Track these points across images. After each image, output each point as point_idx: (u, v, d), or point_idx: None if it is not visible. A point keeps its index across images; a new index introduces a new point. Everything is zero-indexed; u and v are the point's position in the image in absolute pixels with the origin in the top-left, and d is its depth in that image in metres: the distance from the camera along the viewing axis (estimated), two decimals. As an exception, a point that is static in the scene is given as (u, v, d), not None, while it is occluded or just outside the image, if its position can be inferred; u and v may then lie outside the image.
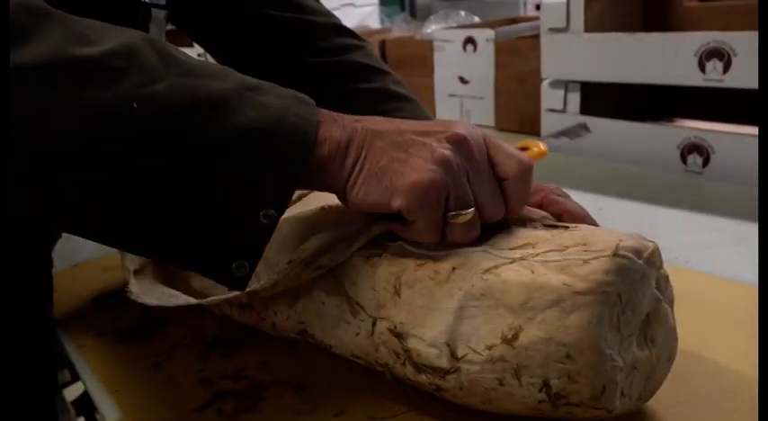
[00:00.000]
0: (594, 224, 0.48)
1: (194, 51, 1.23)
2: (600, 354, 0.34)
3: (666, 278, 0.40)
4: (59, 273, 0.64)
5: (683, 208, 0.80)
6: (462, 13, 1.59)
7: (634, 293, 0.35)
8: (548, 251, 0.37)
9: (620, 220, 0.76)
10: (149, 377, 0.49)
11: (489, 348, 0.35)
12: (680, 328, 0.43)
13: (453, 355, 0.37)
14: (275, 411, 0.43)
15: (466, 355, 0.36)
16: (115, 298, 0.59)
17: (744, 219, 0.75)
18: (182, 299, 0.50)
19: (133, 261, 0.55)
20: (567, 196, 0.52)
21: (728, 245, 0.69)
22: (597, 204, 0.82)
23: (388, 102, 0.63)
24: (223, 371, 0.48)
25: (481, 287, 0.36)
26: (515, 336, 0.35)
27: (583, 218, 0.46)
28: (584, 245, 0.36)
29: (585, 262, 0.35)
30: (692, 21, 1.07)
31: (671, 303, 0.40)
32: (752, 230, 0.72)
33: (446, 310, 0.37)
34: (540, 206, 0.48)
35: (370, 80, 0.63)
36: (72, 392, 0.60)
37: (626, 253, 0.35)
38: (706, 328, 0.52)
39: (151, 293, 0.52)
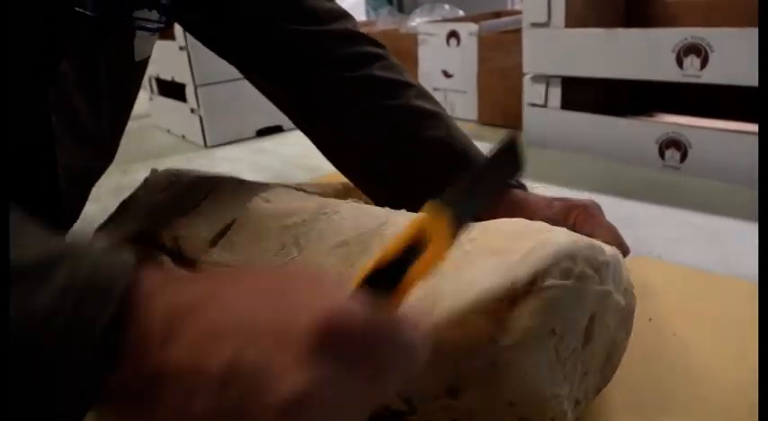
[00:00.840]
0: (625, 250, 0.47)
1: (176, 43, 1.22)
2: (542, 400, 0.34)
3: (618, 261, 0.39)
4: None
5: (659, 203, 0.80)
6: (447, 6, 1.59)
7: (570, 316, 0.35)
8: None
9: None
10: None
11: (436, 399, 0.36)
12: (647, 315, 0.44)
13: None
14: None
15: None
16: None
17: (719, 214, 0.76)
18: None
19: None
20: (600, 213, 0.52)
21: (702, 240, 0.70)
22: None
23: (416, 120, 0.59)
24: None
25: None
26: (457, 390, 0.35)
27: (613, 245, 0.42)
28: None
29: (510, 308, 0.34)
30: (672, 16, 1.08)
31: (628, 284, 0.40)
32: (726, 226, 0.73)
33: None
34: (574, 227, 0.47)
35: (396, 96, 0.60)
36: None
37: (553, 282, 0.33)
38: (672, 315, 0.53)
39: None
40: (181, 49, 1.20)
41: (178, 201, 0.61)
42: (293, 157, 1.13)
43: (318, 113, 0.63)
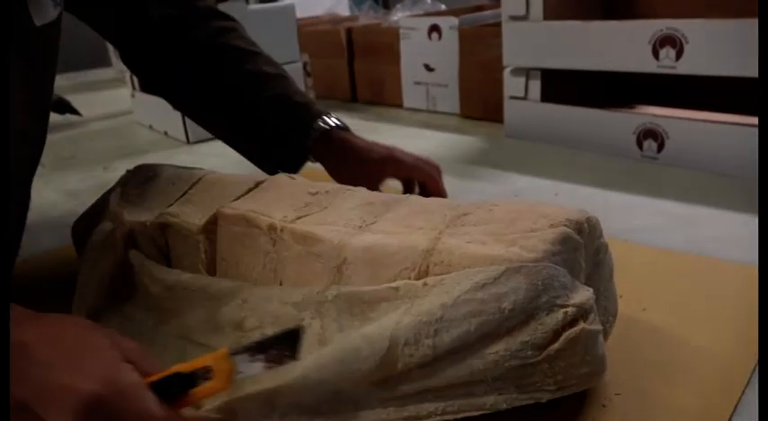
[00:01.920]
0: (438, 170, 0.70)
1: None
2: None
3: (606, 246, 0.44)
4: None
5: (636, 193, 0.82)
6: (429, 0, 1.59)
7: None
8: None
9: (573, 205, 0.78)
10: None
11: None
12: (622, 293, 0.47)
13: None
14: None
15: None
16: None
17: (695, 203, 0.77)
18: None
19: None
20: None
21: (677, 228, 0.71)
22: (553, 190, 0.84)
23: (264, 81, 0.73)
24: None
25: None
26: None
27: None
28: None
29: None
30: (649, 8, 1.09)
31: (611, 269, 0.45)
32: (702, 213, 0.74)
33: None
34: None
35: (249, 62, 0.73)
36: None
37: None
38: (645, 293, 0.55)
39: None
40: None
41: (161, 191, 0.62)
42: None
43: (186, 84, 0.74)
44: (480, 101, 1.28)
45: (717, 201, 0.76)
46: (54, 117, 1.41)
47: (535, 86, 1.06)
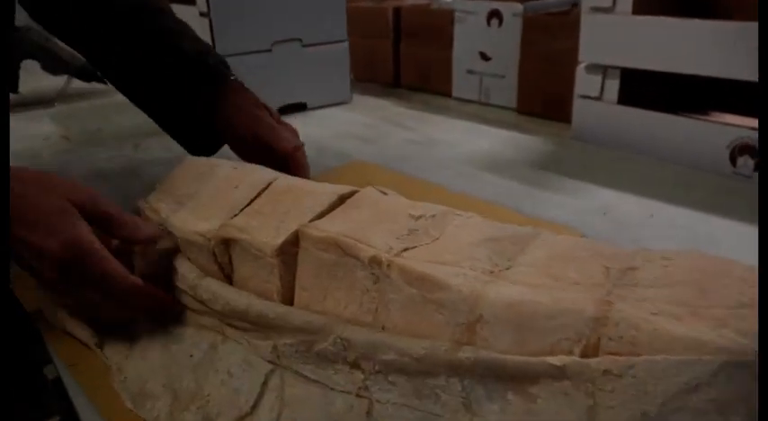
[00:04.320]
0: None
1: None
2: None
3: None
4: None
5: (736, 217, 0.72)
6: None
7: None
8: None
9: (672, 231, 0.69)
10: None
11: None
12: None
13: None
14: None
15: None
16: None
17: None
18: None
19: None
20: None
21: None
22: (646, 209, 0.75)
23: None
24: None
25: None
26: None
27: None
28: None
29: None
30: (747, 6, 0.99)
31: None
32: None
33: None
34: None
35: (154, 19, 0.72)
36: None
37: None
38: None
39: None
40: (202, 14, 1.10)
41: (221, 195, 0.53)
42: (319, 140, 1.04)
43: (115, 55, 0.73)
44: (540, 96, 1.18)
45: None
46: (79, 85, 1.31)
47: (612, 86, 0.97)
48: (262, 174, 0.55)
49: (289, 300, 0.45)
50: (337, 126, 1.15)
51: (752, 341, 0.28)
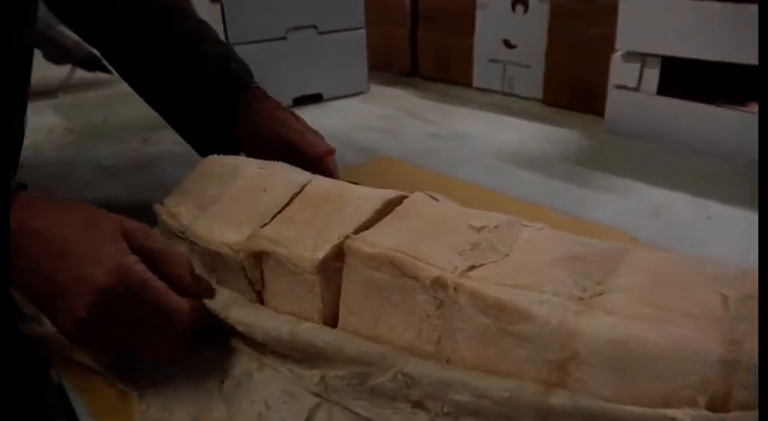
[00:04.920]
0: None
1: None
2: None
3: None
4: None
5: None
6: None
7: None
8: None
9: (733, 234, 0.63)
10: None
11: None
12: None
13: None
14: None
15: None
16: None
17: None
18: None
19: None
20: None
21: None
22: (703, 210, 0.69)
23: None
24: None
25: None
26: None
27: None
28: None
29: None
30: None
31: None
32: None
33: None
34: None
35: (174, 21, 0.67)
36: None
37: None
38: None
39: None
40: (213, 0, 1.04)
41: (249, 200, 0.48)
42: (337, 132, 0.98)
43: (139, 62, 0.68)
44: (568, 86, 1.12)
45: None
46: (82, 75, 1.26)
47: (652, 76, 0.91)
48: (292, 175, 0.50)
49: (332, 323, 0.39)
50: (355, 117, 1.09)
51: None
